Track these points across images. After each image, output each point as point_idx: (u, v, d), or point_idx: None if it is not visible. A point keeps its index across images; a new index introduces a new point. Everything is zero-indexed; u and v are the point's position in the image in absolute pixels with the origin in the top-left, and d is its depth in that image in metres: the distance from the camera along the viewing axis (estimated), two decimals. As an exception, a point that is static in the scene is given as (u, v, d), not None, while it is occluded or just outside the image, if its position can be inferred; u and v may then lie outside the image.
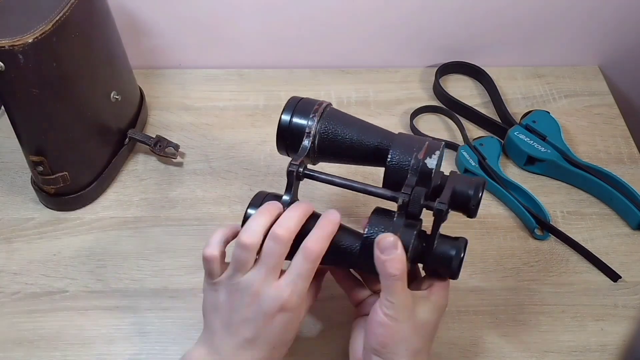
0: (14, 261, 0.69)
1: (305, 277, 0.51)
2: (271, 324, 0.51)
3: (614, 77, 0.92)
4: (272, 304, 0.50)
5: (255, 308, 0.50)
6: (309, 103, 0.59)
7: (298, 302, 0.51)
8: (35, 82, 0.61)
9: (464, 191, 0.54)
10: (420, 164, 0.52)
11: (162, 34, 0.86)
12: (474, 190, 0.53)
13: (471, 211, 0.54)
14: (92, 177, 0.73)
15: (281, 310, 0.50)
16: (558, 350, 0.63)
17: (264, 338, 0.51)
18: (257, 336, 0.51)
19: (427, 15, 0.84)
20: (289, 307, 0.50)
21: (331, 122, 0.57)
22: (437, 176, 0.54)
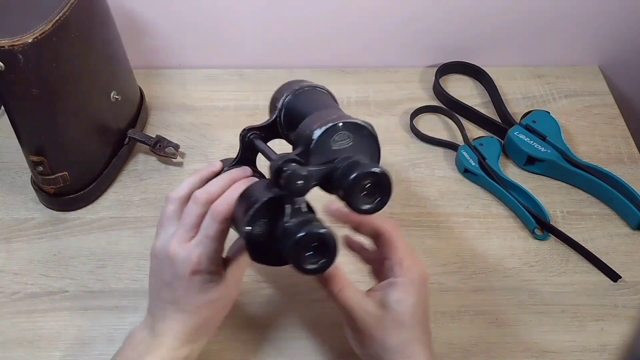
0: (14, 261, 0.69)
1: (213, 237, 0.50)
2: (187, 286, 0.51)
3: (614, 77, 0.92)
4: (183, 266, 0.50)
5: (171, 271, 0.51)
6: (297, 82, 0.58)
7: (209, 265, 0.50)
8: (35, 82, 0.61)
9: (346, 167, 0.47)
10: (307, 133, 0.49)
11: (162, 34, 0.86)
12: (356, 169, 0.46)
13: (345, 193, 0.47)
14: (92, 177, 0.73)
15: (193, 273, 0.50)
16: (558, 350, 0.63)
17: (184, 299, 0.51)
18: (177, 298, 0.51)
19: (427, 16, 0.84)
20: (200, 269, 0.50)
21: (298, 98, 0.56)
22: (325, 151, 0.49)
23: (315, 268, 0.47)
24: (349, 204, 0.47)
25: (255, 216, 0.48)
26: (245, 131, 0.55)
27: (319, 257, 0.47)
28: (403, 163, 0.79)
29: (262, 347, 0.63)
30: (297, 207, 0.48)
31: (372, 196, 0.47)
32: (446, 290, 0.67)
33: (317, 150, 0.48)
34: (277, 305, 0.66)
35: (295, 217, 0.48)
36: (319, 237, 0.46)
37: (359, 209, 0.47)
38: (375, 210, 0.48)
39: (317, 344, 0.63)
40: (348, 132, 0.49)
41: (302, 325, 0.65)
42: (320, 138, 0.48)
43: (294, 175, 0.46)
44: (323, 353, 0.63)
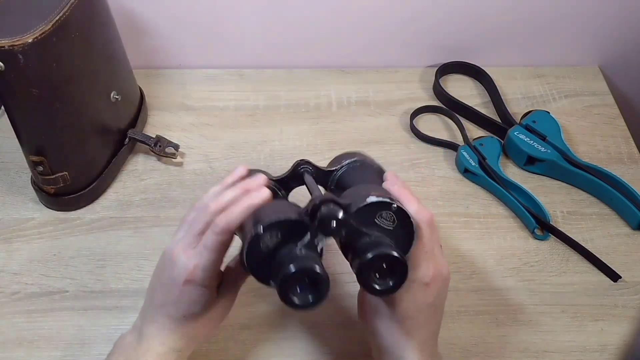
0: (14, 261, 0.69)
1: (211, 249, 0.49)
2: (178, 294, 0.50)
3: (614, 77, 0.92)
4: (180, 272, 0.50)
5: (170, 273, 0.51)
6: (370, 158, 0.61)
7: (203, 277, 0.50)
8: (35, 82, 0.61)
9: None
10: (362, 194, 0.49)
11: (162, 34, 0.86)
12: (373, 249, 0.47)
13: (360, 265, 0.47)
14: (92, 177, 0.73)
15: (186, 282, 0.50)
16: (558, 350, 0.63)
17: (173, 306, 0.51)
18: (167, 302, 0.51)
19: (427, 16, 0.84)
20: (193, 279, 0.50)
21: (365, 168, 0.59)
22: (366, 219, 0.49)
23: (297, 303, 0.46)
24: (359, 276, 0.47)
25: (275, 225, 0.47)
26: (302, 162, 0.57)
27: (307, 293, 0.46)
28: (403, 163, 0.79)
29: (262, 347, 0.63)
30: (315, 243, 0.48)
31: (384, 278, 0.47)
32: (446, 290, 0.67)
33: (361, 213, 0.48)
34: (277, 306, 0.66)
35: (307, 249, 0.48)
36: (316, 277, 0.46)
37: (368, 285, 0.47)
38: (381, 293, 0.48)
39: (317, 344, 0.63)
40: (397, 217, 0.49)
41: (302, 325, 0.65)
42: (370, 205, 0.48)
43: (331, 214, 0.47)
44: (323, 353, 0.63)
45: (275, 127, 0.83)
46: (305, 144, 0.81)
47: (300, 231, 0.48)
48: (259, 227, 0.47)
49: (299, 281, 0.46)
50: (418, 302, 0.51)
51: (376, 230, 0.49)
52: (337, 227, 0.47)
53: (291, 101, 0.86)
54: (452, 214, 0.74)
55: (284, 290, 0.46)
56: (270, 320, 0.65)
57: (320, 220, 0.47)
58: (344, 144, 0.81)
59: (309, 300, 0.46)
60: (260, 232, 0.47)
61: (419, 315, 0.52)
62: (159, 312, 0.52)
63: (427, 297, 0.51)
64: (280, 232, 0.47)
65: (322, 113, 0.84)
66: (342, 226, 0.48)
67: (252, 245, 0.47)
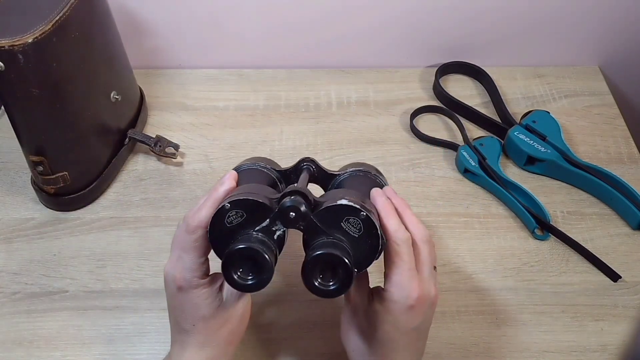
0: (14, 261, 0.69)
1: (188, 249, 0.49)
2: (179, 305, 0.51)
3: (614, 77, 0.92)
4: (171, 284, 0.51)
5: (167, 291, 0.52)
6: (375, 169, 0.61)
7: (191, 278, 0.50)
8: (35, 82, 0.61)
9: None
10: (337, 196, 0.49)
11: (162, 34, 0.86)
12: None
13: (307, 261, 0.47)
14: (92, 177, 0.73)
15: (180, 290, 0.50)
16: (558, 350, 0.63)
17: (181, 318, 0.51)
18: (177, 318, 0.52)
19: (427, 16, 0.84)
20: (183, 285, 0.50)
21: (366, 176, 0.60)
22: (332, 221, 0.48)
23: (236, 281, 0.47)
24: (302, 270, 0.47)
25: (241, 203, 0.48)
26: (307, 159, 0.59)
27: (250, 274, 0.47)
28: (403, 163, 0.79)
29: (262, 347, 0.63)
30: (273, 229, 0.48)
31: (328, 280, 0.47)
32: (446, 290, 0.67)
33: (328, 213, 0.48)
34: (277, 305, 0.66)
35: (264, 234, 0.48)
36: (261, 259, 0.46)
37: (309, 281, 0.47)
38: (321, 293, 0.47)
39: (316, 344, 0.63)
40: (363, 226, 0.48)
41: (302, 325, 0.65)
42: (339, 208, 0.48)
43: (292, 206, 0.47)
44: (323, 353, 0.63)
45: (275, 127, 0.83)
46: (305, 144, 0.81)
47: (263, 215, 0.48)
48: (227, 201, 0.48)
49: (247, 261, 0.47)
50: (400, 324, 0.49)
51: (340, 234, 0.48)
52: (295, 219, 0.47)
53: (291, 101, 0.86)
54: (452, 214, 0.74)
55: (227, 265, 0.46)
56: (271, 320, 0.65)
57: (280, 208, 0.47)
58: (344, 144, 0.81)
59: (248, 282, 0.47)
60: (226, 206, 0.48)
61: (400, 338, 0.50)
62: (175, 330, 0.52)
63: (411, 320, 0.49)
64: (245, 211, 0.48)
65: (322, 113, 0.84)
66: (302, 220, 0.48)
67: (216, 218, 0.48)
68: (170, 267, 0.51)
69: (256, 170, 0.59)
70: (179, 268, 0.50)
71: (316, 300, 0.66)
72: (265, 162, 0.60)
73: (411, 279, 0.48)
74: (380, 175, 0.60)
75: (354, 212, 0.48)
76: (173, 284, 0.50)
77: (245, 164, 0.60)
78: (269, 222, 0.48)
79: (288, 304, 0.66)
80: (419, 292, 0.48)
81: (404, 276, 0.48)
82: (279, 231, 0.48)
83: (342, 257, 0.45)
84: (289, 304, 0.66)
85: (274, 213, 0.48)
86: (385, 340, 0.50)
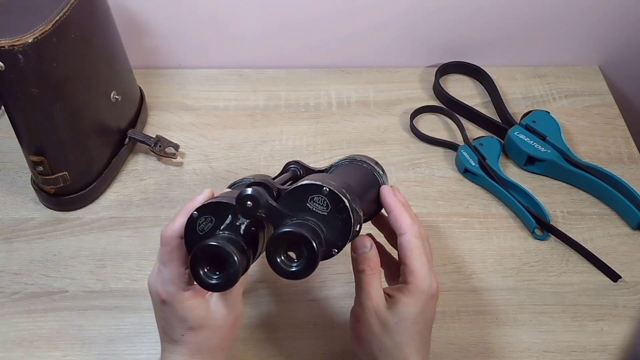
0: (14, 261, 0.69)
1: (165, 261, 0.49)
2: (166, 317, 0.51)
3: (614, 77, 0.92)
4: (155, 297, 0.51)
5: (153, 304, 0.52)
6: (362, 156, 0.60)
7: (173, 291, 0.49)
8: (35, 82, 0.61)
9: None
10: (300, 179, 0.49)
11: (162, 34, 0.86)
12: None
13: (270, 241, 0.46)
14: (92, 177, 0.73)
15: (163, 303, 0.50)
16: (558, 350, 0.63)
17: (168, 329, 0.51)
18: (164, 328, 0.52)
19: (427, 16, 0.84)
20: (166, 298, 0.49)
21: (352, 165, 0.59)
22: (298, 202, 0.47)
23: (203, 279, 0.46)
24: (267, 255, 0.46)
25: (206, 208, 0.48)
26: (291, 162, 0.59)
27: (216, 272, 0.46)
28: (403, 163, 0.79)
29: (262, 347, 0.63)
30: (236, 223, 0.48)
31: (293, 260, 0.46)
32: (446, 290, 0.67)
33: (291, 197, 0.47)
34: (277, 305, 0.66)
35: (228, 230, 0.48)
36: (224, 253, 0.45)
37: (274, 263, 0.46)
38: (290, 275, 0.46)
39: (317, 344, 0.63)
40: (329, 201, 0.47)
41: (302, 325, 0.65)
42: (301, 188, 0.47)
43: (249, 195, 0.46)
44: (323, 353, 0.63)
45: (275, 127, 0.83)
46: (305, 144, 0.81)
47: (226, 214, 0.48)
48: (194, 210, 0.48)
49: (215, 260, 0.46)
50: (426, 314, 0.51)
51: (309, 215, 0.47)
52: (254, 208, 0.46)
53: (291, 101, 0.86)
54: (452, 214, 0.74)
55: (194, 265, 0.46)
56: (270, 320, 0.65)
57: (237, 200, 0.46)
58: (344, 144, 0.81)
59: (213, 280, 0.46)
60: (194, 214, 0.48)
61: (424, 328, 0.52)
62: (164, 339, 0.52)
63: (432, 309, 0.52)
64: (213, 216, 0.48)
65: (322, 113, 0.84)
66: (261, 207, 0.46)
67: (188, 228, 0.48)
68: (152, 279, 0.51)
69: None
70: (159, 281, 0.50)
71: (316, 300, 0.66)
72: (260, 177, 0.58)
73: (430, 270, 0.51)
74: (378, 166, 0.58)
75: (315, 189, 0.46)
76: (157, 297, 0.50)
77: (239, 181, 0.59)
78: (231, 218, 0.48)
79: (288, 304, 0.66)
80: (436, 281, 0.51)
81: (425, 267, 0.50)
82: (243, 225, 0.48)
83: (305, 234, 0.44)
84: (289, 304, 0.66)
85: (233, 207, 0.47)
86: (415, 333, 0.51)
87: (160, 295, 0.50)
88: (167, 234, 0.49)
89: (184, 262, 0.50)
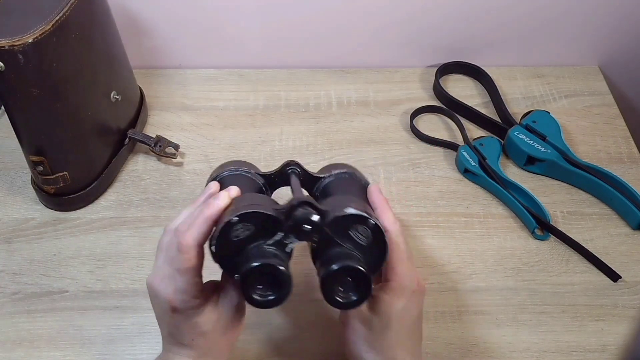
0: (14, 261, 0.69)
1: (181, 269, 0.48)
2: (174, 322, 0.50)
3: (614, 77, 0.92)
4: (163, 304, 0.49)
5: (158, 306, 0.51)
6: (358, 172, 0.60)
7: (188, 298, 0.48)
8: (35, 82, 0.61)
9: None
10: (341, 204, 0.49)
11: (162, 34, 0.86)
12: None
13: (323, 275, 0.46)
14: (92, 177, 0.73)
15: (174, 311, 0.49)
16: (558, 350, 0.63)
17: (177, 333, 0.50)
18: (172, 332, 0.51)
19: (427, 16, 0.84)
20: (178, 307, 0.48)
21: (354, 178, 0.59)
22: (340, 230, 0.48)
23: (257, 299, 0.46)
24: (322, 286, 0.46)
25: (249, 216, 0.47)
26: (291, 162, 0.57)
27: (269, 291, 0.46)
28: (403, 163, 0.79)
29: (262, 347, 0.63)
30: (285, 242, 0.47)
31: (348, 292, 0.47)
32: (446, 290, 0.67)
33: (337, 223, 0.47)
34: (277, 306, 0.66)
35: (276, 247, 0.47)
36: (280, 275, 0.45)
37: (330, 297, 0.47)
38: (343, 306, 0.47)
39: (317, 344, 0.63)
40: (373, 234, 0.48)
41: (302, 325, 0.65)
42: (348, 216, 0.47)
43: (306, 217, 0.46)
44: (323, 353, 0.63)
45: (275, 127, 0.83)
46: (305, 144, 0.81)
47: (273, 228, 0.47)
48: (234, 215, 0.46)
49: (263, 277, 0.46)
50: (411, 310, 0.51)
51: (349, 243, 0.48)
52: (311, 231, 0.46)
53: (291, 101, 0.86)
54: (452, 214, 0.74)
55: (246, 284, 0.45)
56: (270, 320, 0.65)
57: (295, 221, 0.46)
58: (344, 144, 0.81)
59: (269, 298, 0.46)
60: (233, 220, 0.46)
61: (411, 324, 0.52)
62: (169, 341, 0.51)
63: (416, 304, 0.52)
64: (253, 224, 0.47)
65: (322, 113, 0.84)
66: (316, 231, 0.47)
67: (223, 232, 0.47)
68: (158, 282, 0.49)
69: (242, 176, 0.58)
70: (171, 288, 0.48)
71: (316, 300, 0.66)
72: (248, 166, 0.59)
73: (410, 265, 0.52)
74: (359, 173, 0.59)
75: (362, 220, 0.47)
76: (166, 304, 0.49)
77: (227, 169, 0.58)
78: (282, 236, 0.47)
79: (288, 304, 0.66)
80: (417, 276, 0.52)
81: (405, 264, 0.51)
82: (291, 244, 0.47)
83: (361, 269, 0.45)
84: (289, 304, 0.65)
85: (287, 226, 0.47)
86: (400, 328, 0.51)
87: (171, 303, 0.48)
88: (187, 242, 0.47)
89: (199, 270, 0.49)
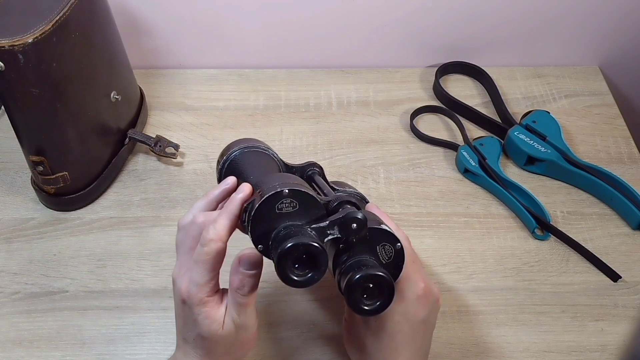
0: (14, 261, 0.69)
1: (201, 262, 0.47)
2: (183, 316, 0.50)
3: (614, 77, 0.92)
4: (177, 294, 0.49)
5: (174, 298, 0.51)
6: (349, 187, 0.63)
7: (198, 293, 0.48)
8: (35, 82, 0.61)
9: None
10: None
11: (162, 34, 0.86)
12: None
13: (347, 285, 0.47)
14: (92, 177, 0.73)
15: (183, 302, 0.49)
16: (558, 350, 0.63)
17: (183, 328, 0.50)
18: (180, 327, 0.51)
19: (427, 16, 0.84)
20: (188, 298, 0.48)
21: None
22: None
23: (298, 280, 0.46)
24: (349, 295, 0.47)
25: (298, 194, 0.47)
26: (315, 165, 0.59)
27: (305, 270, 0.46)
28: (403, 163, 0.79)
29: (262, 347, 0.63)
30: (327, 231, 0.48)
31: (371, 299, 0.47)
32: (446, 290, 0.67)
33: (370, 234, 0.48)
34: (277, 305, 0.66)
35: (317, 232, 0.48)
36: (315, 252, 0.45)
37: (356, 305, 0.47)
38: (369, 313, 0.47)
39: (317, 344, 0.63)
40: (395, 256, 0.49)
41: (302, 325, 0.65)
42: (382, 232, 0.49)
43: (355, 218, 0.47)
44: (323, 353, 0.63)
45: (275, 127, 0.83)
46: (305, 144, 0.81)
47: (315, 215, 0.48)
48: (285, 187, 0.47)
49: (301, 255, 0.46)
50: (410, 314, 0.51)
51: (372, 256, 0.49)
52: (355, 231, 0.47)
53: (291, 101, 0.86)
54: (452, 214, 0.74)
55: (283, 261, 0.45)
56: (270, 320, 0.65)
57: (345, 215, 0.47)
58: (344, 144, 0.81)
59: (309, 276, 0.46)
60: (285, 192, 0.47)
61: (409, 330, 0.51)
62: (179, 337, 0.52)
63: (420, 310, 0.51)
64: (299, 203, 0.47)
65: (322, 113, 0.84)
66: (359, 231, 0.47)
67: (268, 200, 0.47)
68: (177, 275, 0.50)
69: (264, 155, 0.59)
70: (186, 279, 0.49)
71: (316, 300, 0.66)
72: (264, 145, 0.60)
73: (415, 271, 0.51)
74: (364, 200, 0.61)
75: (392, 240, 0.49)
76: (178, 295, 0.49)
77: (247, 144, 0.59)
78: (328, 225, 0.48)
79: (288, 304, 0.66)
80: (424, 282, 0.51)
81: (409, 268, 0.50)
82: (331, 235, 0.48)
83: (384, 275, 0.46)
84: (289, 304, 0.66)
85: (338, 218, 0.47)
86: (396, 333, 0.51)
87: (182, 294, 0.49)
88: (211, 236, 0.47)
89: (216, 266, 0.48)
